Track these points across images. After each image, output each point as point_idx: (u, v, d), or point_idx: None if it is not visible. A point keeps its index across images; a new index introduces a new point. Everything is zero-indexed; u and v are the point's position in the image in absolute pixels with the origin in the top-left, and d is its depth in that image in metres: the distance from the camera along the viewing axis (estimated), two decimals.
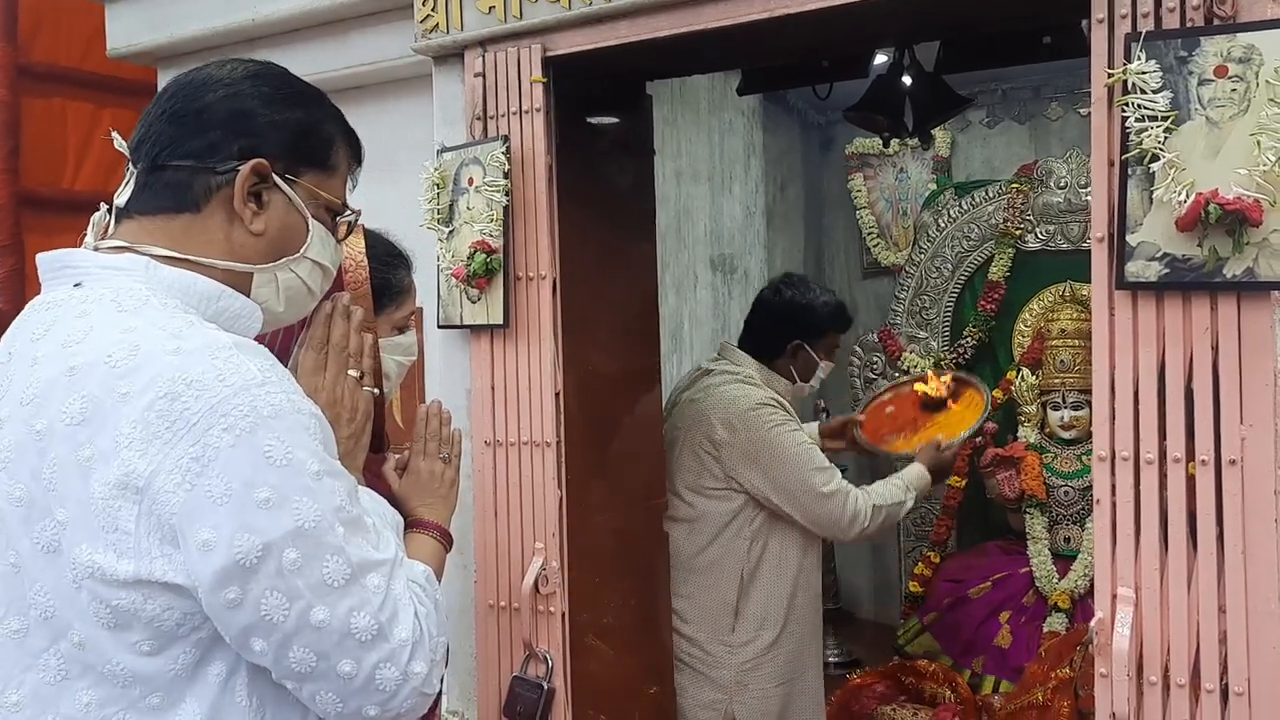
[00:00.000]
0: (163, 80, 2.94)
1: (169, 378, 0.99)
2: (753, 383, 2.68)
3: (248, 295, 1.18)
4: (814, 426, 3.05)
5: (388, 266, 1.72)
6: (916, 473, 2.76)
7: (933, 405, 3.17)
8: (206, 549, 0.97)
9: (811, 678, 2.74)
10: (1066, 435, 3.79)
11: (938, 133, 4.62)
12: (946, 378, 3.24)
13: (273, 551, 0.98)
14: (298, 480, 1.00)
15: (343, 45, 2.61)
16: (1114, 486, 1.64)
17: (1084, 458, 3.67)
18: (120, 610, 0.99)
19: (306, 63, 2.66)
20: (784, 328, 2.75)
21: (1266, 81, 1.47)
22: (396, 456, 1.64)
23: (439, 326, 2.30)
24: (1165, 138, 1.54)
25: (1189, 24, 1.54)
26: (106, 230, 1.18)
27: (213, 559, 0.97)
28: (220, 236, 1.15)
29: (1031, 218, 4.11)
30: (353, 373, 1.34)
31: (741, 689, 2.61)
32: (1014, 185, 4.15)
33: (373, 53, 2.57)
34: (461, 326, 2.25)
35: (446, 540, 1.52)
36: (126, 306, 1.06)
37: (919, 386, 3.24)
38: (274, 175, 1.16)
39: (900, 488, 2.68)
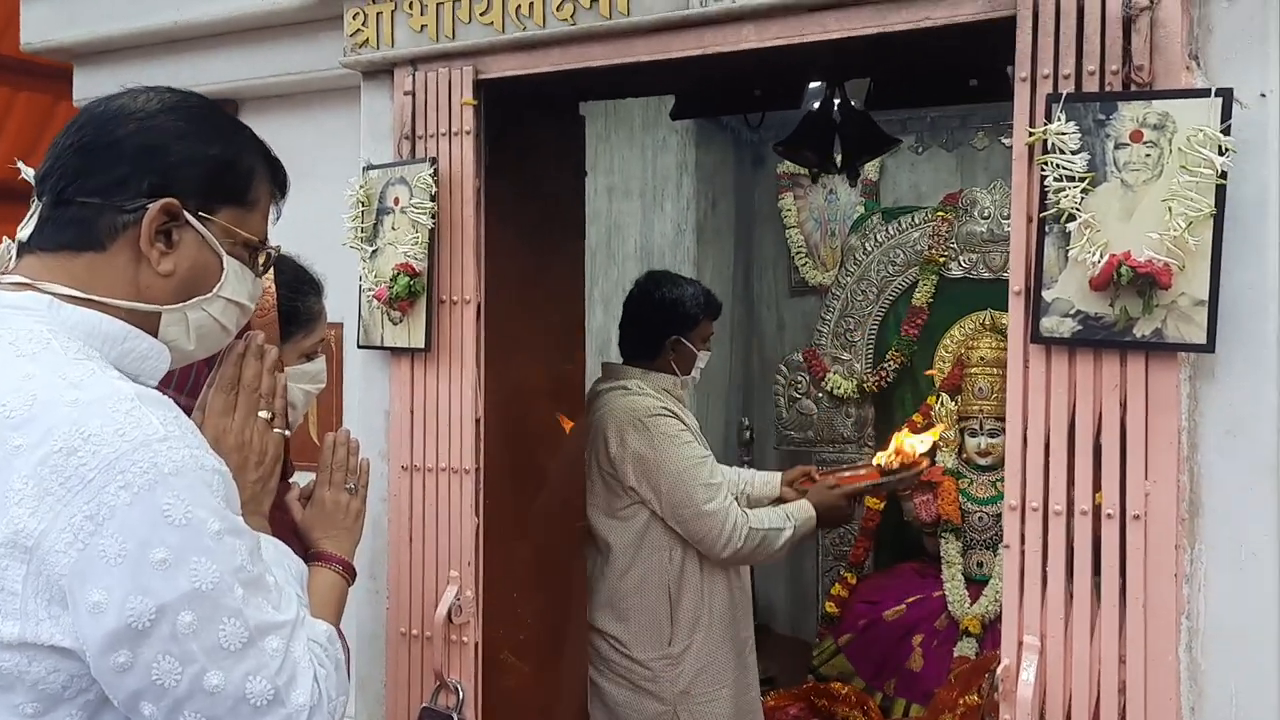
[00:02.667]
0: (80, 77, 2.85)
1: (65, 431, 0.95)
2: (642, 393, 2.70)
3: (155, 334, 1.14)
4: (776, 476, 3.02)
5: (297, 293, 1.67)
6: (801, 505, 2.78)
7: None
8: (97, 611, 0.93)
9: (755, 695, 2.79)
10: (983, 461, 3.87)
11: None
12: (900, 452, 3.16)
13: (167, 614, 0.95)
14: (197, 540, 0.97)
15: (270, 53, 2.54)
16: (1023, 535, 1.66)
17: (998, 484, 3.75)
18: (3, 672, 0.95)
19: (230, 69, 2.60)
20: (659, 326, 2.77)
21: (1179, 149, 1.51)
22: (301, 486, 1.60)
23: (359, 346, 2.26)
24: (1082, 198, 1.57)
25: (1108, 88, 1.58)
26: (8, 266, 1.13)
27: (103, 621, 0.94)
28: (126, 276, 1.11)
29: (955, 245, 4.19)
30: (264, 414, 1.31)
31: (686, 698, 2.63)
32: (939, 213, 4.23)
33: (299, 62, 2.50)
34: (382, 348, 2.22)
35: (349, 574, 1.49)
36: (25, 351, 1.01)
37: (877, 460, 3.20)
38: (186, 213, 1.12)
39: (782, 516, 2.71)
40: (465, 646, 2.12)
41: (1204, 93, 1.51)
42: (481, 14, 2.10)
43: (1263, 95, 1.53)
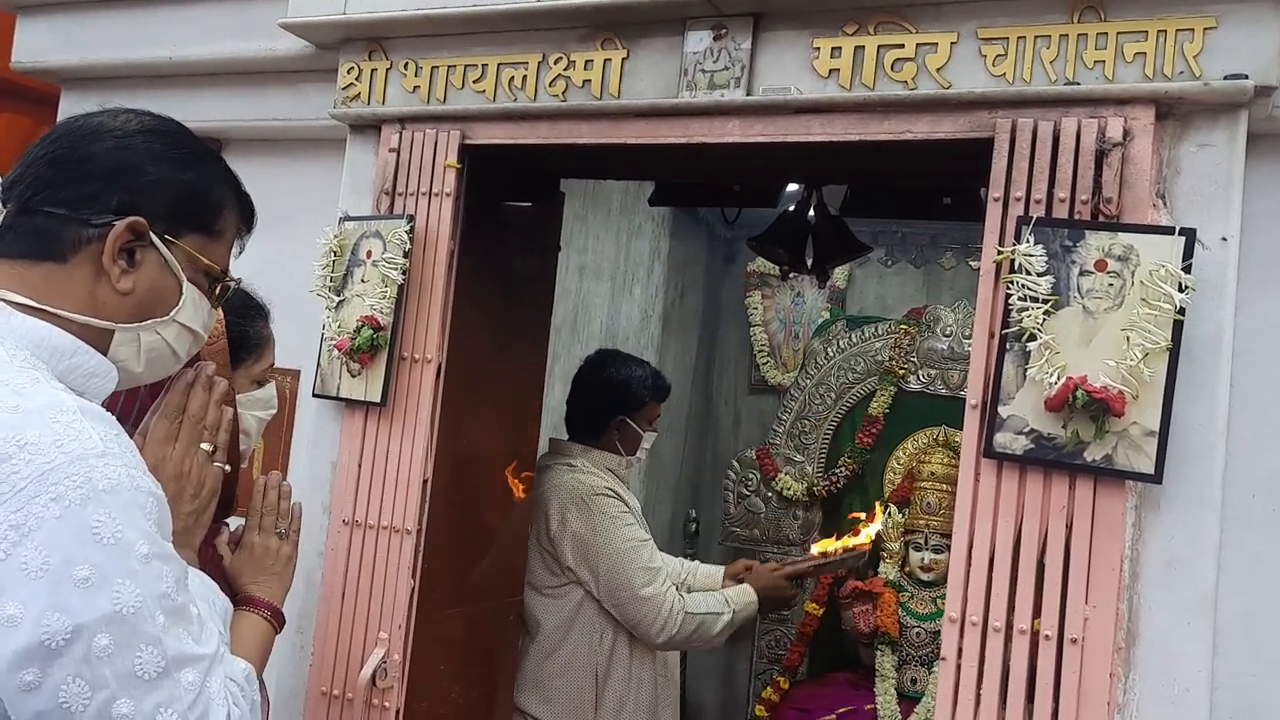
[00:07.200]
0: (67, 101, 2.85)
1: (2, 437, 0.92)
2: (586, 471, 2.67)
3: (105, 353, 1.12)
4: (719, 570, 2.98)
5: (244, 318, 1.64)
6: (741, 590, 2.76)
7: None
8: (10, 624, 0.90)
9: None
10: (925, 577, 3.85)
11: None
12: (843, 542, 3.28)
13: (83, 635, 0.92)
14: (123, 562, 0.94)
15: (259, 97, 2.56)
16: (961, 650, 1.66)
17: (939, 601, 3.73)
18: None
19: (217, 108, 2.61)
20: (605, 405, 2.76)
21: (1141, 282, 1.55)
22: (231, 530, 1.56)
23: (314, 395, 2.23)
24: (1044, 319, 1.60)
25: (1077, 216, 1.62)
26: None
27: (15, 636, 0.90)
28: (83, 291, 1.10)
29: (915, 360, 4.23)
30: (205, 446, 1.28)
31: None
32: (903, 326, 4.28)
33: (287, 109, 2.52)
34: (337, 399, 2.19)
35: (278, 620, 1.45)
36: None
37: (819, 547, 3.28)
38: (151, 234, 1.12)
39: (720, 601, 2.69)
40: (386, 713, 2.06)
41: (1168, 230, 1.56)
42: (475, 81, 2.13)
43: (1224, 239, 1.58)
